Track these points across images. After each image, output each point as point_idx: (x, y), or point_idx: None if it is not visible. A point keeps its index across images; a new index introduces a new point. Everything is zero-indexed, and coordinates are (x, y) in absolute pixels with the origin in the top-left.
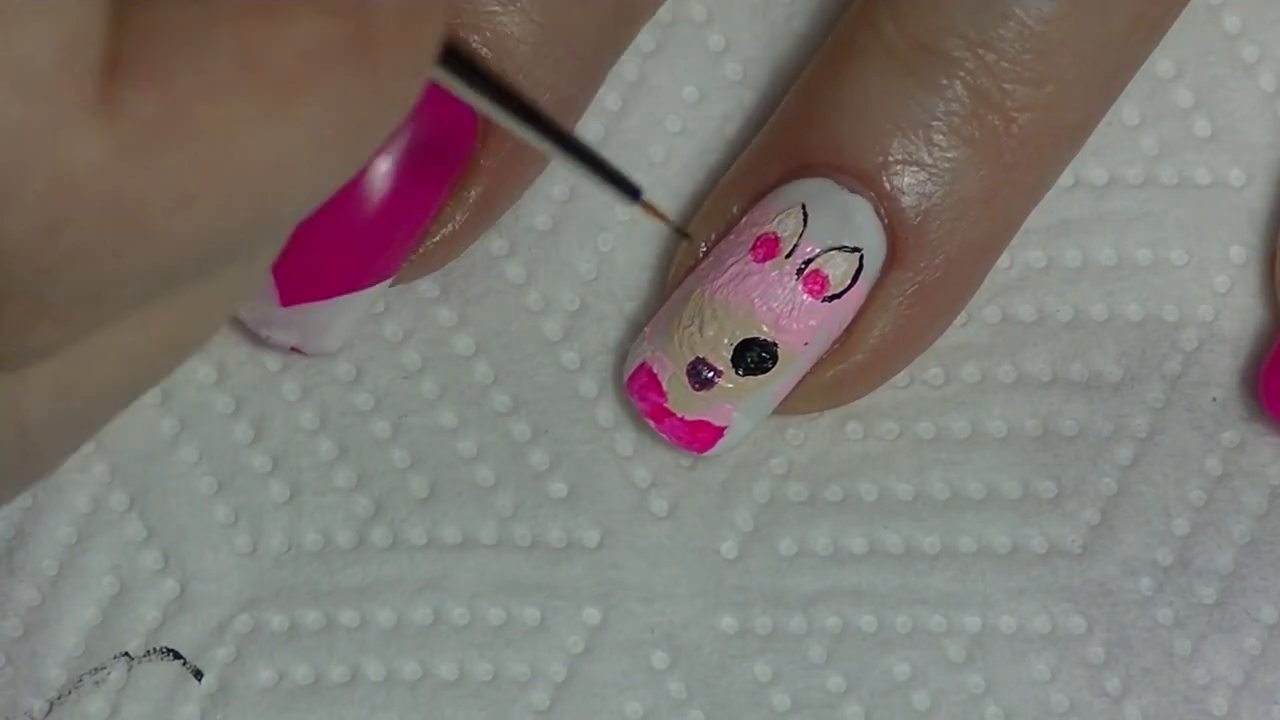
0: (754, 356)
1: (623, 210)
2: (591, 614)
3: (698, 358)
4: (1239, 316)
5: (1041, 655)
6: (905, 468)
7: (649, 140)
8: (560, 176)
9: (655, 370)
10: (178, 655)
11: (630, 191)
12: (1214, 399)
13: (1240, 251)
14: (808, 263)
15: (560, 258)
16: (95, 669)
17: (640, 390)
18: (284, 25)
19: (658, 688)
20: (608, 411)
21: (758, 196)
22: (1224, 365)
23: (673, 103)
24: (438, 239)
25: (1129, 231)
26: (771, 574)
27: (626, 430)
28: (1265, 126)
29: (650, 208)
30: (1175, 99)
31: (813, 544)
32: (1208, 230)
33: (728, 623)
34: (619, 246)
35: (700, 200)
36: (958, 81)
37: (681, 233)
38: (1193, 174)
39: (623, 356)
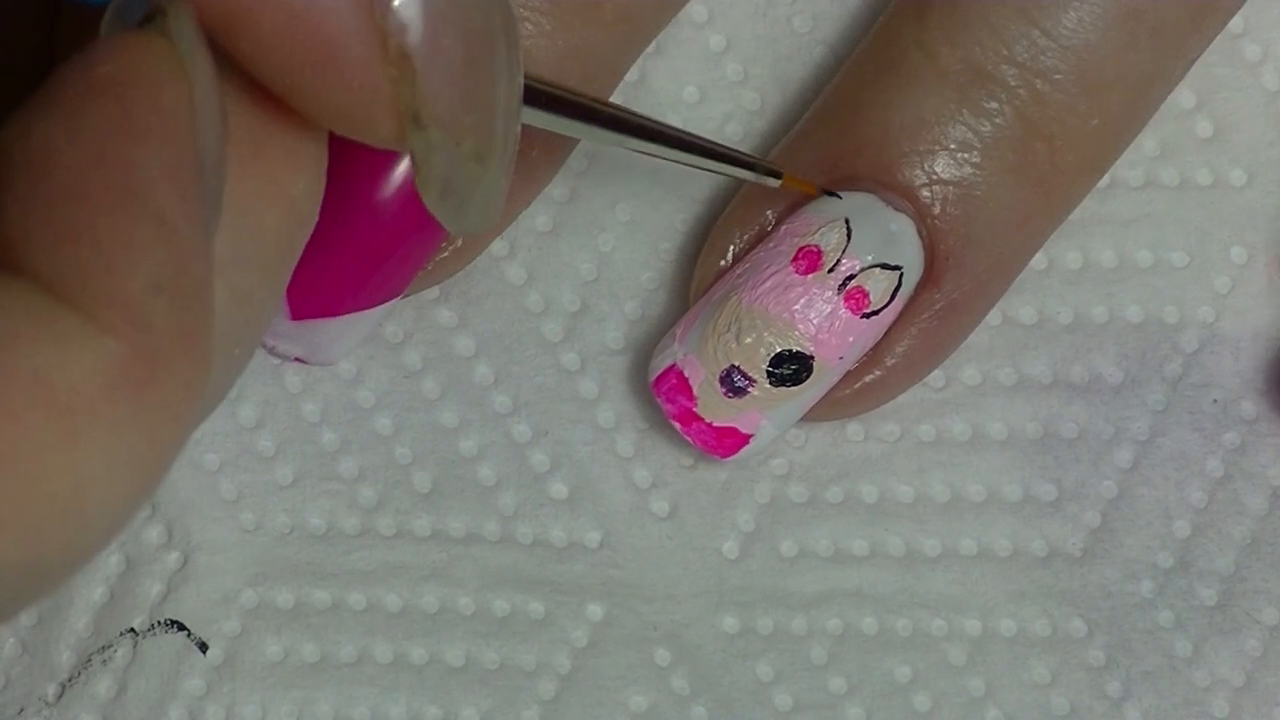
0: (789, 368)
1: (623, 210)
2: (594, 610)
3: (732, 365)
4: (1240, 318)
5: (1042, 658)
6: (906, 470)
7: None
8: (560, 178)
9: (686, 374)
10: (182, 627)
11: (772, 173)
12: (1215, 401)
13: (1241, 252)
14: (850, 278)
15: (560, 258)
16: (103, 648)
17: (669, 393)
18: (70, 347)
19: (661, 683)
20: (608, 412)
21: (795, 205)
22: (1225, 367)
23: (673, 103)
24: (446, 254)
25: (1130, 233)
26: (773, 575)
27: (627, 431)
28: (1267, 126)
29: (794, 180)
30: (1177, 99)
31: (814, 545)
32: (1209, 231)
33: (729, 623)
34: (619, 246)
35: (700, 201)
36: (1009, 108)
37: (811, 188)
38: (1194, 175)
39: (624, 357)
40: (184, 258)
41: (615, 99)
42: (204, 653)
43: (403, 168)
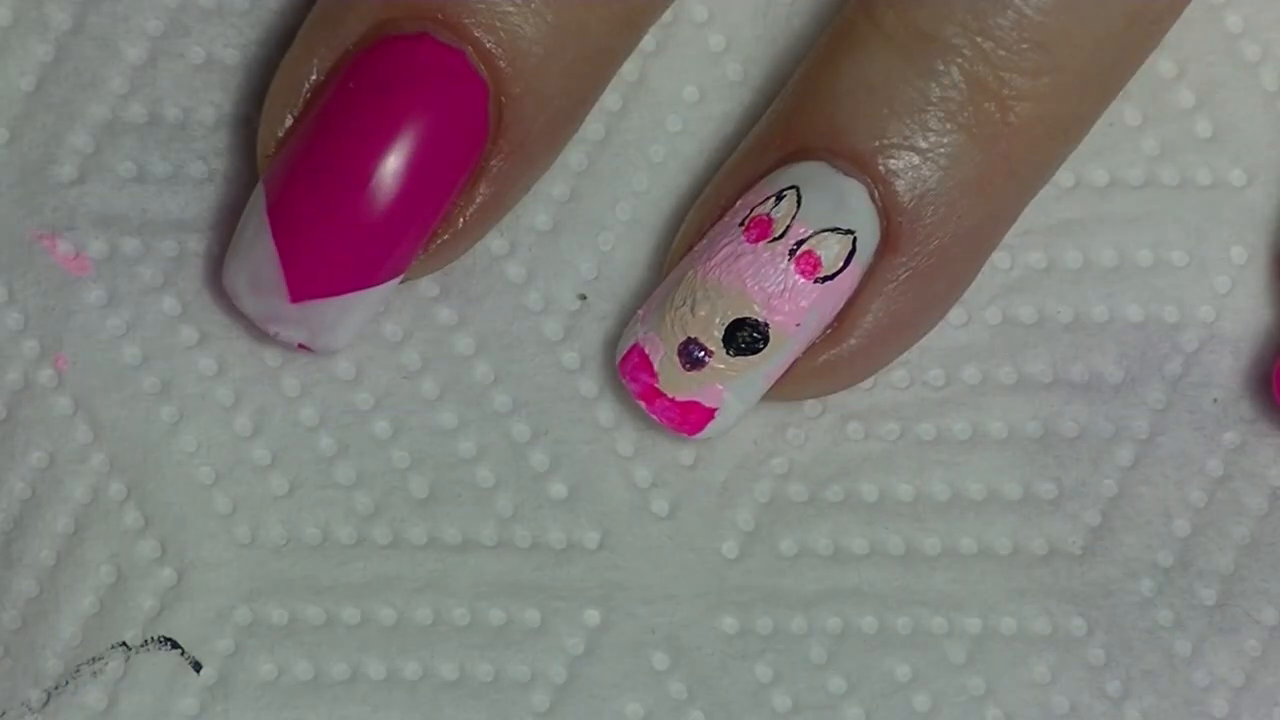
0: (746, 337)
1: (623, 209)
2: (591, 615)
3: (689, 338)
4: (1240, 317)
5: (1042, 657)
6: (906, 469)
7: (649, 140)
8: (560, 177)
9: (647, 351)
10: (175, 645)
11: None
12: (1215, 400)
13: (1241, 252)
14: (800, 244)
15: (560, 257)
16: (93, 659)
17: (632, 371)
18: None
19: (658, 689)
20: (608, 412)
21: (752, 181)
22: (1225, 366)
23: (673, 103)
24: (445, 238)
25: (1130, 232)
26: (772, 574)
27: (627, 430)
28: (1267, 126)
29: None
30: (1177, 99)
31: (814, 544)
32: (1209, 231)
33: (728, 623)
34: (619, 246)
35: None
36: (955, 68)
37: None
38: (1194, 174)
39: None
40: None
41: (615, 98)
42: (198, 672)
43: (402, 141)
